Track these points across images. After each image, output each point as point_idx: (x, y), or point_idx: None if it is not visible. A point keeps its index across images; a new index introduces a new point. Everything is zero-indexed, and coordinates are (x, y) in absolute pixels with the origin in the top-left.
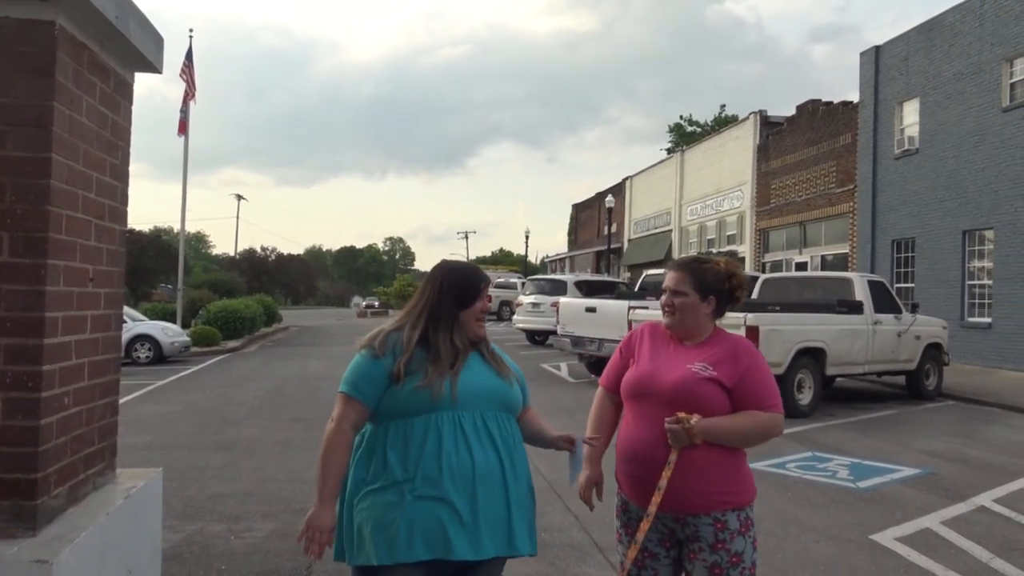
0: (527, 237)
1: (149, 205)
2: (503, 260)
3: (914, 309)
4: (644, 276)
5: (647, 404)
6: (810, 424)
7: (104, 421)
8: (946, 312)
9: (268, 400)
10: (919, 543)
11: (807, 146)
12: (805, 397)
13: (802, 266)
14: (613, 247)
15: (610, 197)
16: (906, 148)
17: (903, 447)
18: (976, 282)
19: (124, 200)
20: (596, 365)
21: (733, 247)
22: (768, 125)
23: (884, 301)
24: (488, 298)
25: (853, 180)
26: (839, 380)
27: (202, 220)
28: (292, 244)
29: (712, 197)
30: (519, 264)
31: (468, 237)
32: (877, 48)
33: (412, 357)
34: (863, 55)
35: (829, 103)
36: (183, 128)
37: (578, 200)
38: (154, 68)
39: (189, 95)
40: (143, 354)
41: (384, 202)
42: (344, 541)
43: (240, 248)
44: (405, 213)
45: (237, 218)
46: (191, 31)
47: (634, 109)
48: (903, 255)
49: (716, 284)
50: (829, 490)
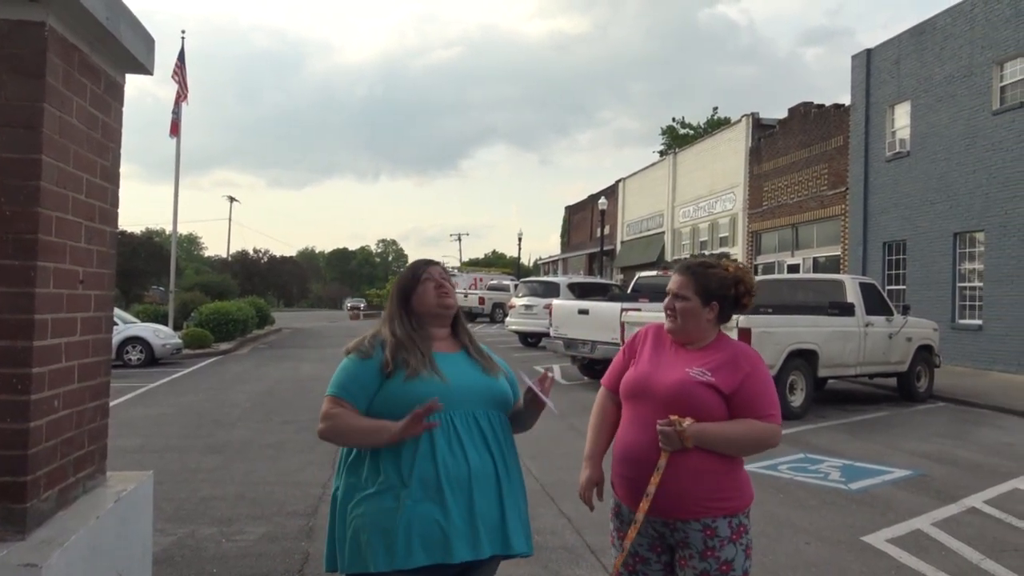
0: (520, 239)
1: (141, 207)
2: (496, 262)
3: (905, 311)
4: (637, 278)
5: (643, 406)
6: (802, 426)
7: (94, 424)
8: (937, 314)
9: (260, 402)
10: (910, 544)
11: (799, 148)
12: (797, 399)
13: (794, 268)
14: (606, 249)
15: (603, 199)
16: (897, 151)
17: (894, 449)
18: (967, 284)
19: (115, 202)
20: (589, 367)
21: (725, 249)
22: (760, 128)
23: (875, 303)
24: (444, 278)
25: (845, 182)
26: (831, 382)
27: (194, 222)
28: (285, 246)
29: (705, 199)
30: (512, 266)
31: (461, 239)
32: (869, 51)
33: (394, 348)
34: (855, 58)
35: (821, 106)
36: (175, 129)
37: (571, 202)
38: (145, 69)
39: (181, 96)
40: (134, 356)
41: (377, 204)
42: (336, 548)
43: (232, 250)
44: (398, 215)
45: (229, 220)
46: (183, 32)
47: (627, 111)
48: (894, 257)
49: (720, 290)
50: (821, 492)
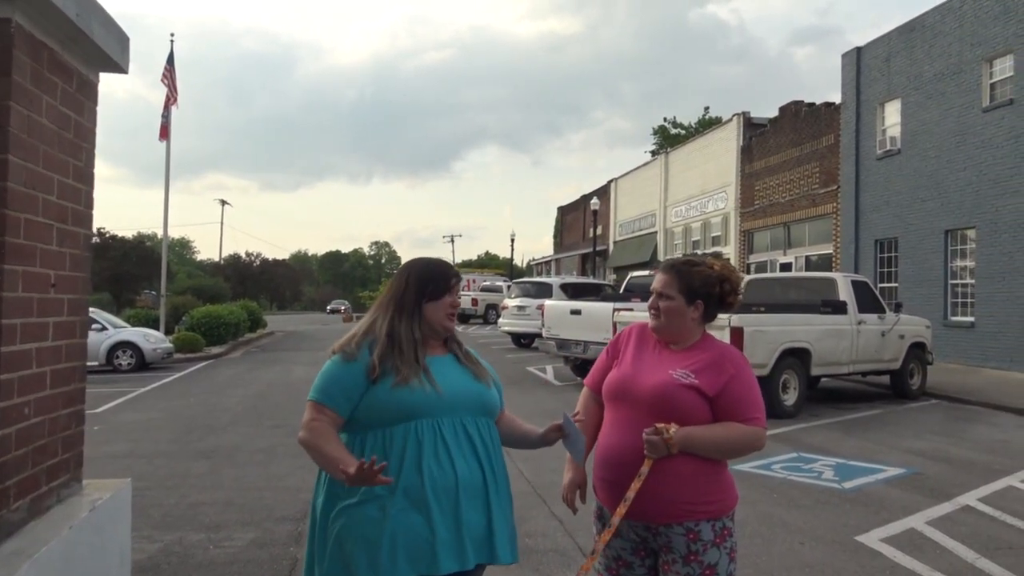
0: (513, 240)
1: (132, 211)
2: (489, 263)
3: (898, 309)
4: (629, 278)
5: (625, 407)
6: (795, 425)
7: (68, 431)
8: (929, 311)
9: (251, 407)
10: (904, 543)
11: (790, 147)
12: (790, 398)
13: (787, 267)
14: (599, 249)
15: (595, 199)
16: (888, 149)
17: (888, 447)
18: (959, 281)
19: (89, 203)
20: (581, 368)
21: (718, 248)
22: (751, 127)
23: (868, 301)
24: (458, 296)
25: (836, 181)
26: (824, 380)
27: (186, 226)
28: (277, 249)
29: (697, 199)
30: (505, 267)
31: (454, 240)
32: (859, 49)
33: (384, 350)
34: (845, 56)
35: (812, 104)
36: (165, 133)
37: (563, 203)
38: (119, 68)
39: (171, 100)
40: (125, 361)
41: (370, 206)
42: (315, 560)
43: (225, 254)
44: (391, 217)
45: (221, 223)
46: (172, 35)
47: (619, 112)
48: (886, 255)
49: (704, 288)
50: (814, 491)
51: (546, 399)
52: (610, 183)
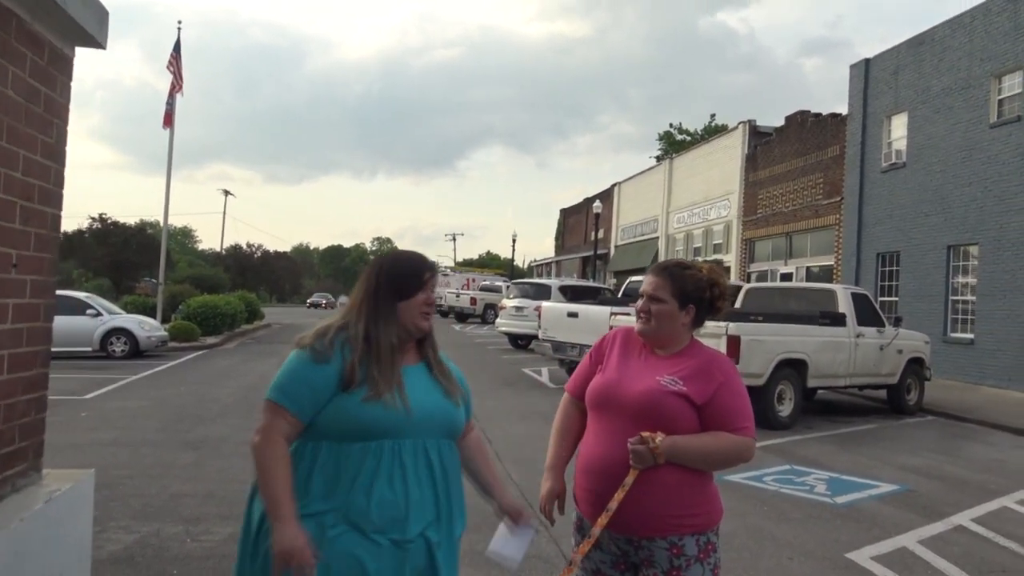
0: (514, 241)
1: (135, 198)
2: (490, 263)
3: (897, 323)
4: (628, 282)
5: (610, 415)
6: (789, 436)
7: (27, 418)
8: (929, 327)
9: (243, 398)
10: (895, 562)
11: (795, 157)
12: (785, 409)
13: (787, 277)
14: (600, 253)
15: (598, 203)
16: (893, 162)
17: (882, 462)
18: (959, 298)
19: (59, 182)
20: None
21: (719, 256)
22: (757, 135)
23: (867, 314)
24: (434, 292)
25: (840, 192)
26: (820, 392)
27: (189, 215)
28: (279, 241)
29: (699, 205)
30: (506, 267)
31: (456, 239)
32: (867, 61)
33: (363, 355)
34: (853, 67)
35: (818, 115)
36: (168, 121)
37: (566, 205)
38: (96, 42)
39: (176, 87)
40: (118, 348)
41: (373, 202)
42: (244, 574)
43: (226, 244)
44: (394, 213)
45: (224, 214)
46: (179, 23)
47: (625, 116)
48: (888, 268)
49: (697, 292)
50: (806, 505)
51: (539, 401)
52: (613, 187)
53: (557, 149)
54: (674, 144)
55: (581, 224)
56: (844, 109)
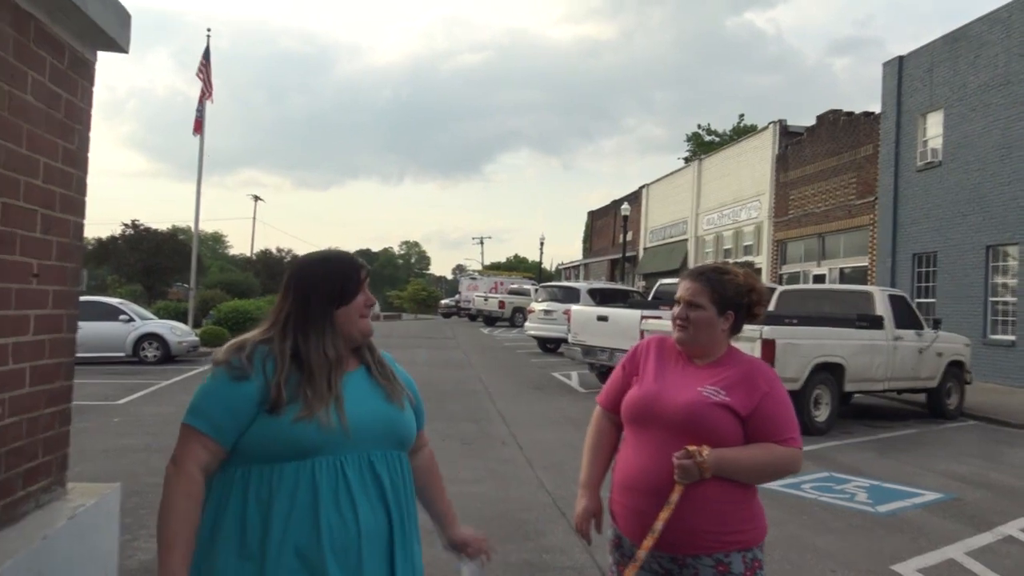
0: (542, 244)
1: (169, 205)
2: (518, 266)
3: (936, 325)
4: (658, 285)
5: (650, 429)
6: (826, 442)
7: (51, 432)
8: (968, 329)
9: None
10: (943, 575)
11: (827, 157)
12: (822, 414)
13: (820, 278)
14: (628, 255)
15: (626, 205)
16: (929, 160)
17: (924, 469)
18: (999, 299)
19: (81, 189)
20: (607, 375)
21: (750, 258)
22: (788, 135)
23: (905, 316)
24: (369, 289)
25: (874, 192)
26: (856, 396)
27: (220, 220)
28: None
29: (729, 207)
30: (534, 271)
31: (483, 242)
32: (901, 58)
33: (288, 373)
34: (886, 65)
35: (850, 114)
36: (198, 127)
37: (594, 208)
38: (118, 46)
39: (206, 94)
40: (151, 353)
41: (401, 206)
42: None
43: (256, 249)
44: (421, 217)
45: (254, 219)
46: (208, 30)
47: (652, 118)
48: (924, 270)
49: (736, 297)
50: (847, 514)
51: (569, 407)
52: (642, 189)
53: (584, 152)
54: (702, 145)
55: (609, 226)
56: (876, 108)
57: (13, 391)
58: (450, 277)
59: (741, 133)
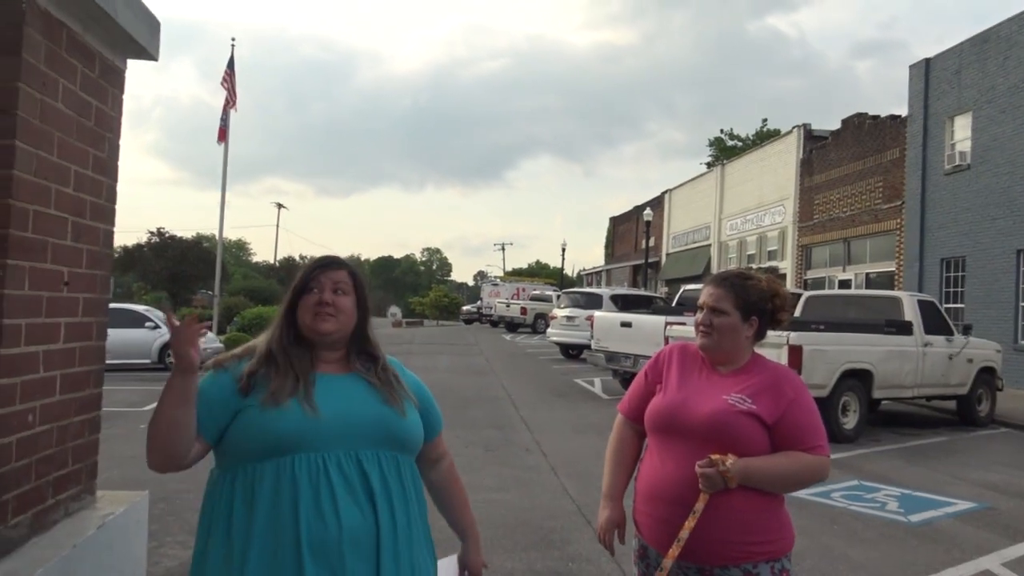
0: (563, 250)
1: (193, 212)
2: (539, 272)
3: (966, 331)
4: (682, 291)
5: (674, 438)
6: (855, 450)
7: (81, 440)
8: (998, 334)
9: None
10: None
11: (852, 161)
12: (850, 421)
13: (845, 284)
14: (651, 261)
15: (648, 210)
16: (957, 164)
17: (956, 478)
18: None
19: (111, 197)
20: (630, 381)
21: (774, 263)
22: (812, 139)
23: (935, 322)
24: (337, 289)
25: (900, 196)
26: (885, 403)
27: (243, 228)
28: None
29: (753, 212)
30: (556, 277)
31: (504, 249)
32: (927, 61)
33: (261, 366)
34: (913, 68)
35: (876, 117)
36: (223, 136)
37: (615, 214)
38: (148, 54)
39: (229, 103)
40: None
41: (422, 213)
42: None
43: (280, 256)
44: (443, 224)
45: (277, 226)
46: (233, 40)
47: (673, 123)
48: (953, 274)
49: (760, 303)
50: (878, 523)
51: (592, 413)
52: (664, 194)
53: (605, 158)
54: (725, 150)
55: (631, 232)
56: (901, 111)
57: (44, 399)
58: (472, 283)
59: (764, 137)
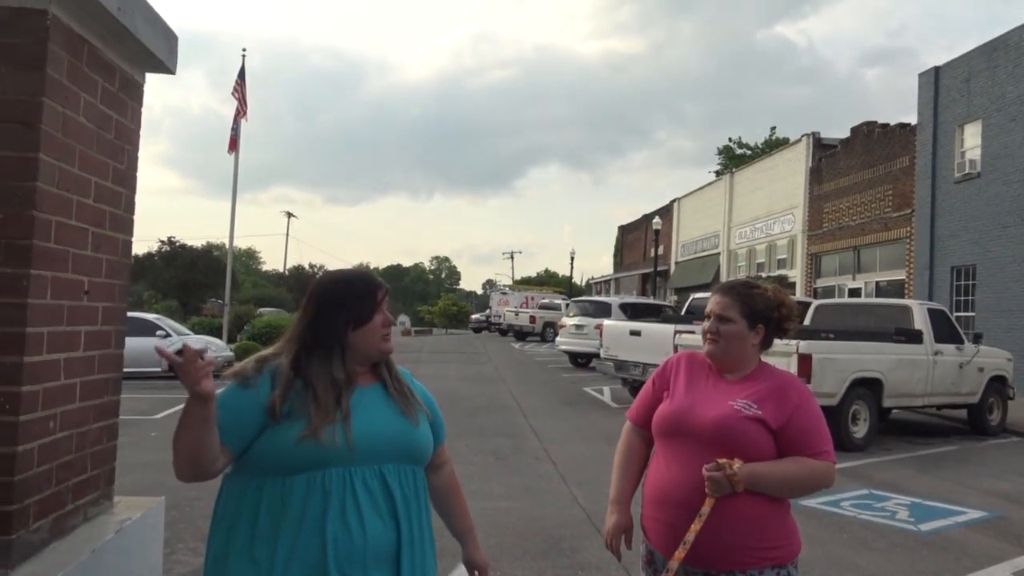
0: (572, 258)
1: (202, 221)
2: (548, 281)
3: (977, 339)
4: (691, 299)
5: (682, 443)
6: (865, 459)
7: (99, 446)
8: (1009, 343)
9: None
10: None
11: (862, 169)
12: (860, 430)
13: (855, 292)
14: (660, 269)
15: (657, 219)
16: (967, 172)
17: (967, 487)
18: None
19: (130, 208)
20: (639, 390)
21: (783, 271)
22: (821, 147)
23: (945, 330)
24: (386, 311)
25: (910, 204)
26: (895, 412)
27: (253, 236)
28: (340, 261)
29: (762, 220)
30: (564, 285)
31: (513, 257)
32: (937, 69)
33: (290, 389)
34: (922, 76)
35: (885, 125)
36: (233, 146)
37: (624, 222)
38: (166, 68)
39: (240, 113)
40: None
41: (431, 221)
42: None
43: (289, 265)
44: (451, 233)
45: (287, 235)
46: (244, 50)
47: (681, 132)
48: (963, 283)
49: (766, 311)
50: (888, 532)
51: (601, 421)
52: (673, 203)
53: (613, 166)
54: (734, 158)
55: (640, 241)
56: (911, 119)
57: (64, 406)
58: (480, 292)
59: (773, 146)
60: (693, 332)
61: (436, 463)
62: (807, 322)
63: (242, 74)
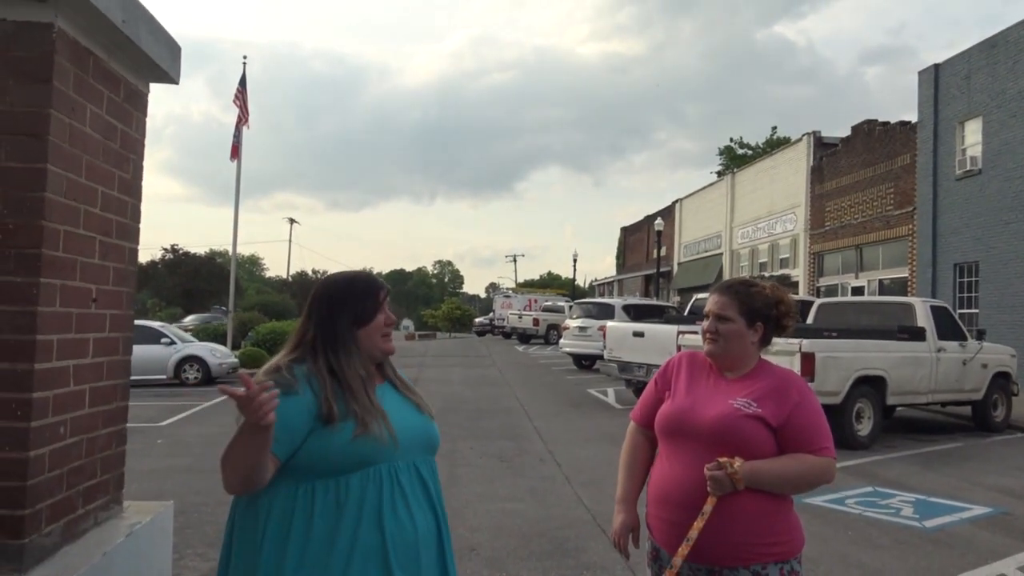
0: (575, 260)
1: (205, 229)
2: (551, 283)
3: (980, 336)
4: (694, 300)
5: (683, 442)
6: (870, 456)
7: (108, 451)
8: (1013, 339)
9: None
10: None
11: (863, 167)
12: (864, 428)
13: (858, 290)
14: (662, 271)
15: (659, 220)
16: (968, 169)
17: (971, 483)
18: None
19: (136, 216)
20: (643, 391)
21: (786, 271)
22: (822, 146)
23: (948, 327)
24: (388, 311)
25: (912, 202)
26: (900, 410)
27: (256, 243)
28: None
29: (764, 220)
30: (567, 287)
31: (516, 260)
32: (937, 66)
33: (332, 390)
34: (922, 74)
35: (886, 123)
36: (235, 153)
37: (626, 223)
38: (170, 78)
39: (242, 120)
40: (192, 375)
41: (433, 226)
42: None
43: (292, 271)
44: (454, 236)
45: (290, 241)
46: (244, 58)
47: (682, 133)
48: (966, 279)
49: (764, 310)
50: (893, 529)
51: (606, 423)
52: (675, 204)
53: (614, 168)
54: (735, 158)
55: (642, 242)
56: (911, 117)
57: (74, 412)
58: (484, 295)
59: (774, 145)
60: (696, 332)
61: None
62: (810, 321)
63: (243, 81)
